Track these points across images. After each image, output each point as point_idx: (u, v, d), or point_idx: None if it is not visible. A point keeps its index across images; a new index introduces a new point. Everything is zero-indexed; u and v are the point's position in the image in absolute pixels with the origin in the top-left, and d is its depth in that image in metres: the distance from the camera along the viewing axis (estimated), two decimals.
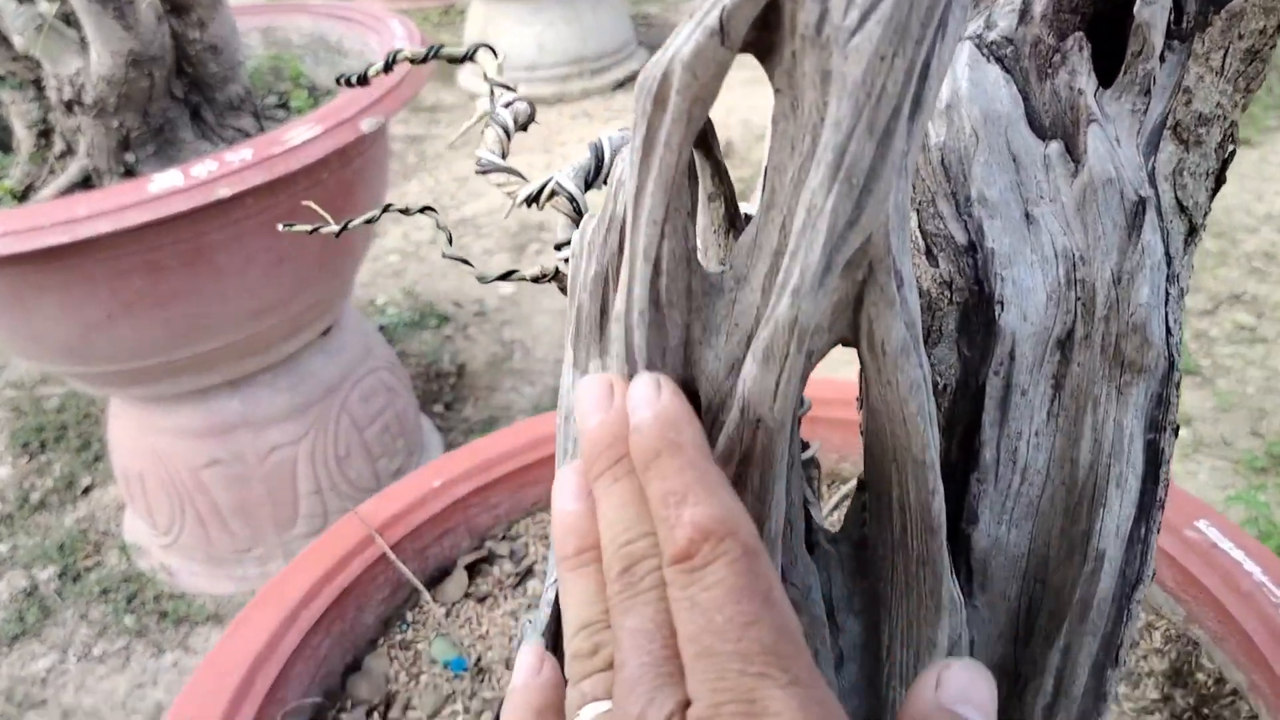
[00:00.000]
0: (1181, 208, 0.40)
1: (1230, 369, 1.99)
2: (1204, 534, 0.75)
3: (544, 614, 0.43)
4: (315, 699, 0.76)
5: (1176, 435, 0.41)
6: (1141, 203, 0.38)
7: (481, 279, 0.56)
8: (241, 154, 1.35)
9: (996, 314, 0.40)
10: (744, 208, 0.41)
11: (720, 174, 0.39)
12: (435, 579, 0.87)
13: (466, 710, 0.77)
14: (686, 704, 0.29)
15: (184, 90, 1.56)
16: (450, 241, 0.60)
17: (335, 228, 0.59)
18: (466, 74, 3.42)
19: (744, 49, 0.33)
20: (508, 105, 0.69)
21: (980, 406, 0.41)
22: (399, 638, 0.82)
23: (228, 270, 1.43)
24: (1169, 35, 0.40)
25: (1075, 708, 0.41)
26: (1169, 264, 0.39)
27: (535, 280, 0.56)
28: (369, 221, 0.60)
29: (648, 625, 0.31)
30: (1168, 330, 0.39)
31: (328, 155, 1.40)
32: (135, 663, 1.69)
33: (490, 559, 0.88)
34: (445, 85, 3.46)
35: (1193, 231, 0.41)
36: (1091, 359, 0.39)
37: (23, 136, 1.59)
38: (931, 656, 0.41)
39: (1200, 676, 0.72)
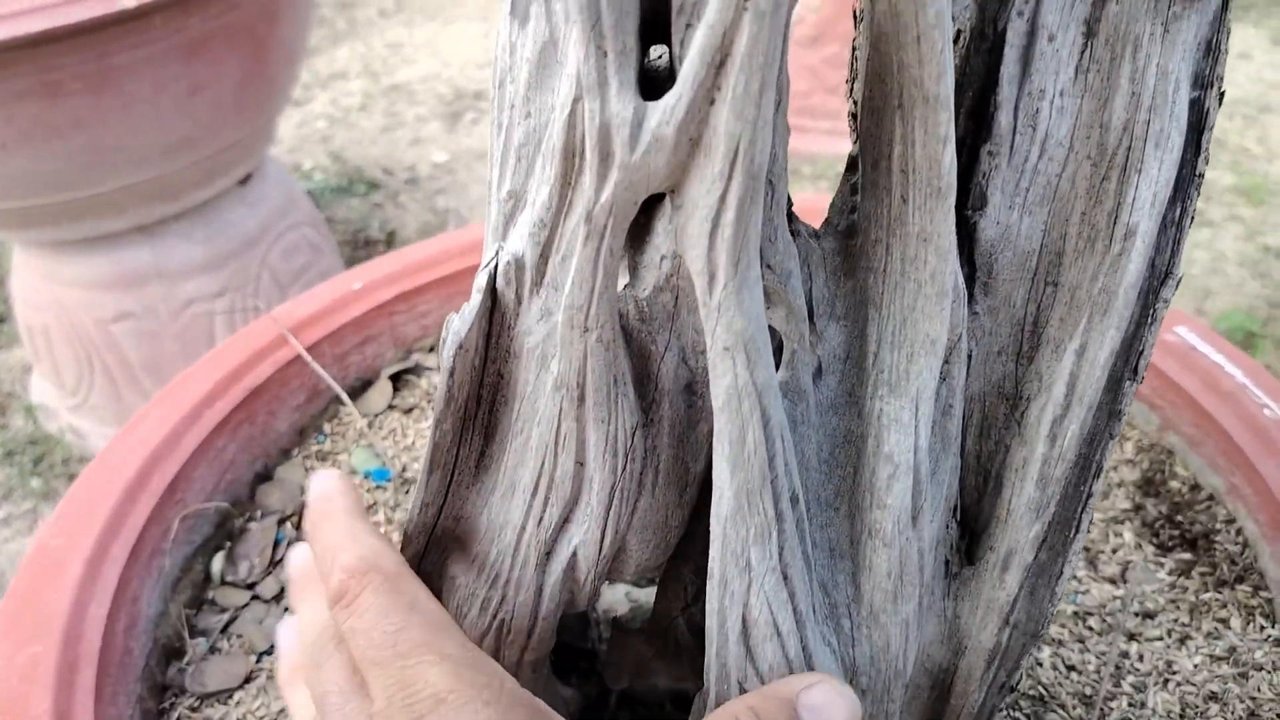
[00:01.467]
0: None
1: None
2: (1182, 338, 0.70)
3: (474, 301, 0.36)
4: (220, 504, 0.69)
5: (1221, 101, 0.35)
6: None
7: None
8: None
9: None
10: None
11: None
12: (357, 390, 0.79)
13: (390, 521, 0.70)
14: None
15: None
16: None
17: None
18: None
19: None
20: None
21: (999, 59, 0.34)
22: (315, 448, 0.75)
23: (136, 97, 1.32)
24: None
25: (1090, 417, 0.35)
26: None
27: None
28: None
29: (339, 669, 0.35)
30: None
31: None
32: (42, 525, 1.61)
33: (417, 370, 0.81)
34: None
35: None
36: None
37: None
38: (928, 356, 0.35)
39: (1174, 484, 0.68)
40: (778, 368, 0.36)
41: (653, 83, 0.31)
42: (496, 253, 0.35)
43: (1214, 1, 0.32)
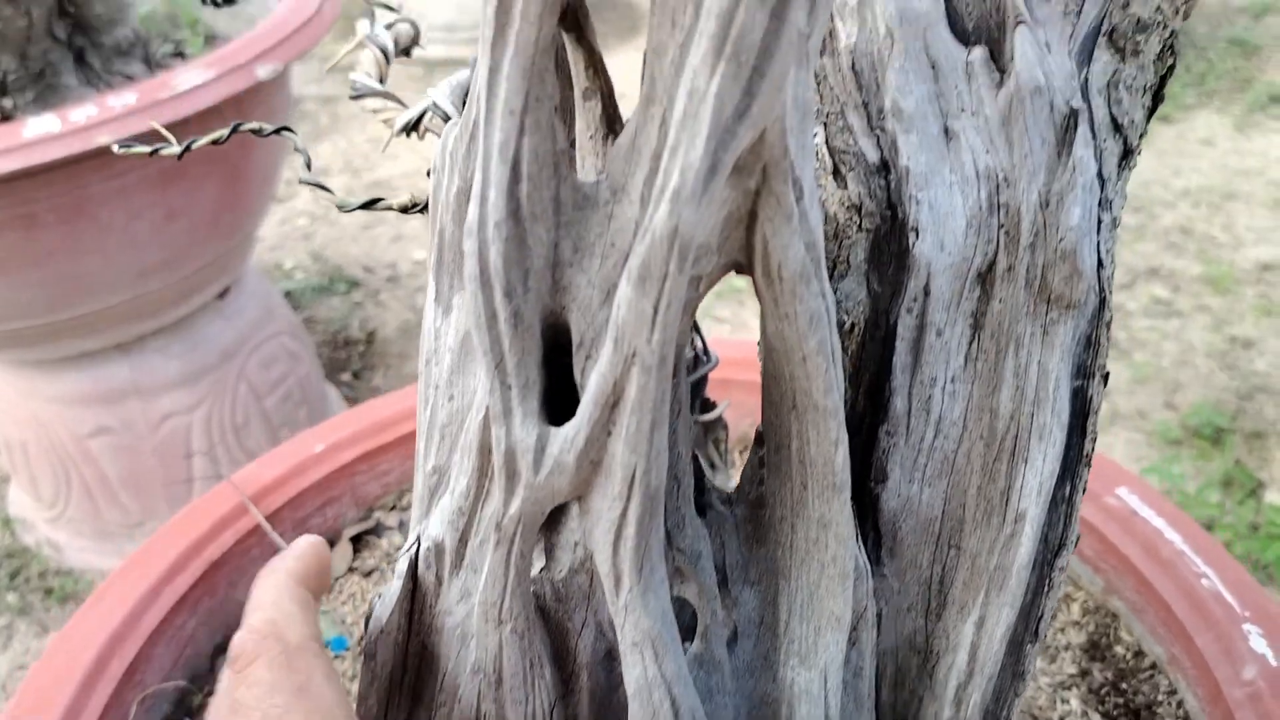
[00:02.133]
0: (1116, 125, 0.36)
1: (1146, 342, 2.00)
2: (1124, 501, 0.72)
3: (395, 586, 0.37)
4: (179, 683, 0.70)
5: (1106, 383, 0.37)
6: (1073, 115, 0.34)
7: (342, 207, 0.50)
8: (125, 98, 1.26)
9: (910, 243, 0.35)
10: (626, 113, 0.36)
11: (596, 66, 0.34)
12: None
13: (348, 694, 0.71)
14: None
15: (67, 32, 1.45)
16: (309, 166, 0.53)
17: (177, 148, 0.53)
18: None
19: None
20: (389, 26, 0.63)
21: (891, 349, 0.36)
22: None
23: (112, 226, 1.34)
24: None
25: (990, 685, 0.37)
26: (1102, 186, 0.35)
27: (404, 210, 0.50)
28: (215, 143, 0.53)
29: None
30: (1099, 261, 0.34)
31: (221, 102, 1.31)
32: (18, 642, 1.60)
33: (378, 530, 0.82)
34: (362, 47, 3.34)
35: (1128, 153, 0.36)
36: (1015, 294, 0.34)
37: None
38: (834, 632, 0.36)
39: (1119, 650, 0.69)
40: (692, 639, 0.37)
41: (565, 377, 0.33)
42: (418, 538, 0.36)
43: (1091, 304, 0.34)
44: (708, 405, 0.63)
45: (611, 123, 0.35)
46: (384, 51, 0.60)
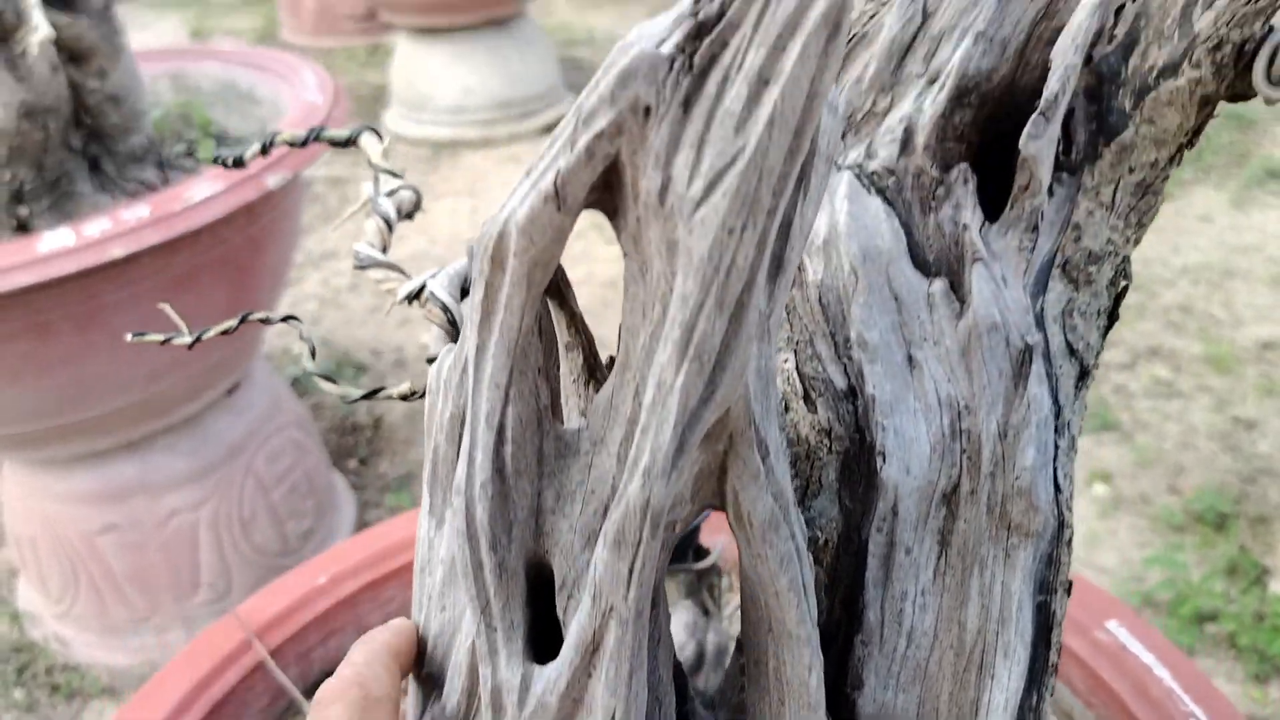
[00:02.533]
0: (1072, 350, 0.38)
1: (1149, 424, 2.01)
2: (1114, 635, 0.73)
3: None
4: None
5: (1069, 593, 0.38)
6: (1028, 350, 0.36)
7: (344, 398, 0.52)
8: (138, 212, 1.29)
9: (878, 465, 0.37)
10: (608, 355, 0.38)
11: (576, 323, 0.36)
12: (319, 683, 0.81)
13: None
14: None
15: (82, 141, 1.49)
16: (313, 355, 0.56)
17: (188, 339, 0.55)
18: (392, 115, 3.37)
19: (590, 206, 0.29)
20: (391, 194, 0.66)
21: (864, 564, 0.38)
22: None
23: (123, 332, 1.37)
24: (1058, 167, 0.38)
25: None
26: (1058, 414, 0.37)
27: (404, 398, 0.52)
28: (225, 333, 0.56)
29: None
30: (1056, 488, 0.36)
31: (232, 212, 1.34)
32: None
33: None
34: (372, 124, 3.40)
35: (1084, 374, 0.38)
36: (978, 516, 0.36)
37: None
38: None
39: None
40: None
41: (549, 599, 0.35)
42: None
43: (1050, 528, 0.36)
44: (701, 553, 0.65)
45: (592, 370, 0.37)
46: (386, 220, 0.63)
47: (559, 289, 0.35)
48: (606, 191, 0.28)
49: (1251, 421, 2.01)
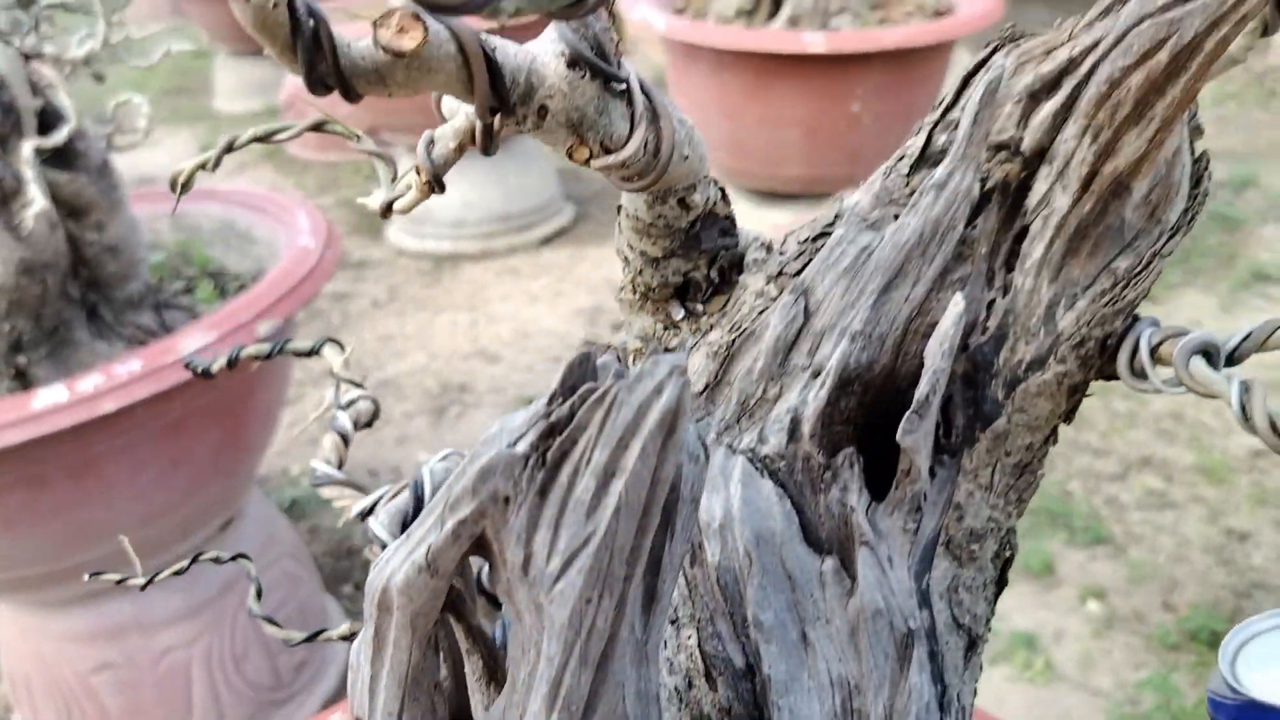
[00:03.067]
0: (958, 624, 0.40)
1: (1142, 536, 2.01)
2: None
3: None
4: None
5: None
6: (910, 635, 0.38)
7: (287, 641, 0.54)
8: (130, 366, 1.33)
9: None
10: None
11: (475, 634, 0.38)
12: None
13: None
14: None
15: (80, 290, 1.54)
16: (259, 596, 0.58)
17: (141, 581, 0.58)
18: (395, 229, 3.44)
19: (469, 554, 0.32)
20: (349, 405, 0.69)
21: None
22: None
23: (116, 480, 1.40)
24: (939, 450, 0.41)
25: None
26: (943, 693, 0.38)
27: (345, 639, 0.54)
28: (177, 574, 0.58)
29: None
30: None
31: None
32: None
33: None
34: (374, 241, 3.48)
35: (973, 644, 0.40)
36: None
37: None
38: None
39: None
40: None
41: None
42: None
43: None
44: None
45: (492, 672, 0.39)
46: (343, 435, 0.65)
47: (457, 607, 0.37)
48: (481, 551, 0.31)
49: (1245, 533, 2.01)
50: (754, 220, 2.02)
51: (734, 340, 0.42)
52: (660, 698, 0.34)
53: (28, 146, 1.25)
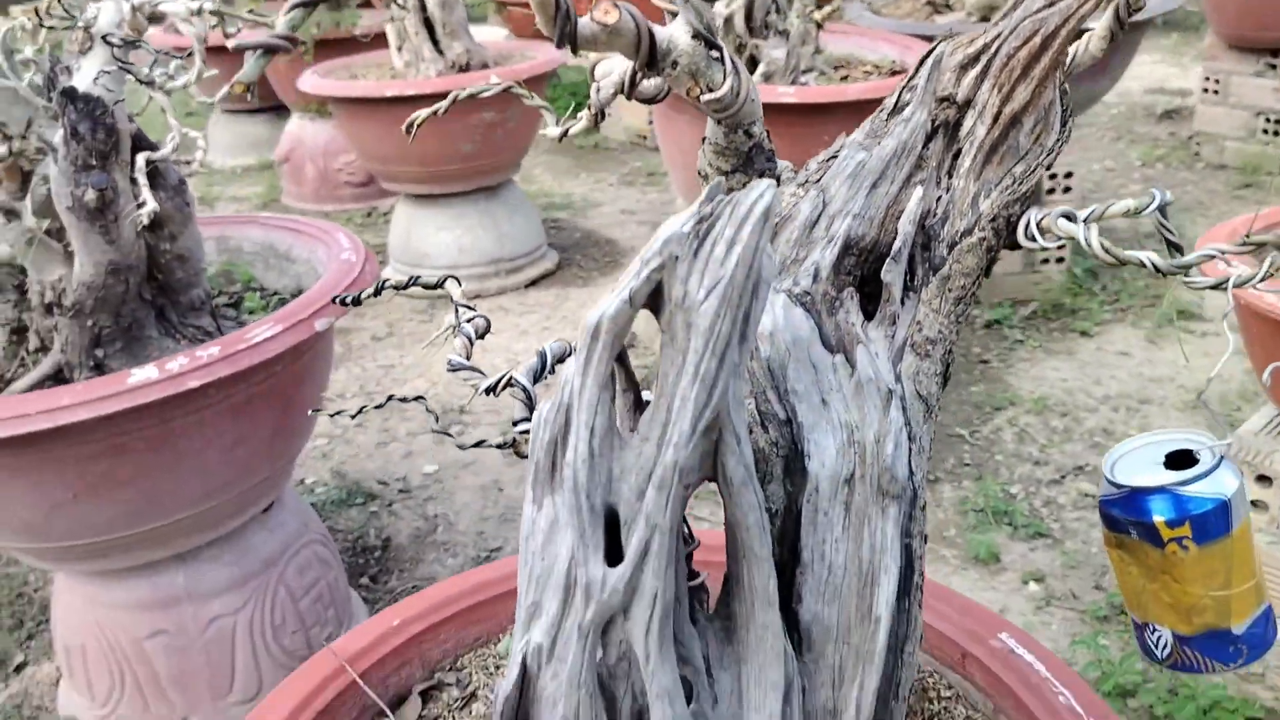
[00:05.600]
0: (920, 396, 0.64)
1: (1076, 531, 2.26)
2: (1005, 643, 0.97)
3: (513, 673, 0.62)
4: None
5: (926, 541, 0.63)
6: (890, 393, 0.62)
7: (461, 446, 0.77)
8: (210, 350, 1.54)
9: (806, 463, 0.62)
10: (645, 395, 0.64)
11: (629, 377, 0.62)
12: (394, 704, 1.03)
13: None
14: None
15: (152, 294, 1.76)
16: (437, 420, 0.81)
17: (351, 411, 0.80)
18: (390, 271, 3.67)
19: (644, 307, 0.56)
20: (470, 320, 0.92)
21: (799, 524, 0.63)
22: None
23: (188, 452, 1.60)
24: (907, 288, 0.65)
25: None
26: (910, 431, 0.62)
27: (499, 447, 0.77)
28: (378, 407, 0.80)
29: None
30: (910, 471, 0.61)
31: (284, 351, 1.60)
32: None
33: (439, 687, 1.05)
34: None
35: (929, 411, 0.64)
36: (866, 490, 0.61)
37: None
38: (775, 692, 0.61)
39: None
40: (690, 703, 0.62)
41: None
42: (526, 643, 0.62)
43: (908, 496, 0.61)
44: (695, 574, 0.89)
45: (638, 403, 0.62)
46: (469, 338, 0.89)
47: (623, 358, 0.60)
48: (654, 297, 0.54)
49: None
50: None
51: (777, 223, 0.66)
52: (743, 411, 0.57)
53: (141, 158, 1.48)
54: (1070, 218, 0.60)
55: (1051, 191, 3.26)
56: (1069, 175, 3.31)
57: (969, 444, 2.60)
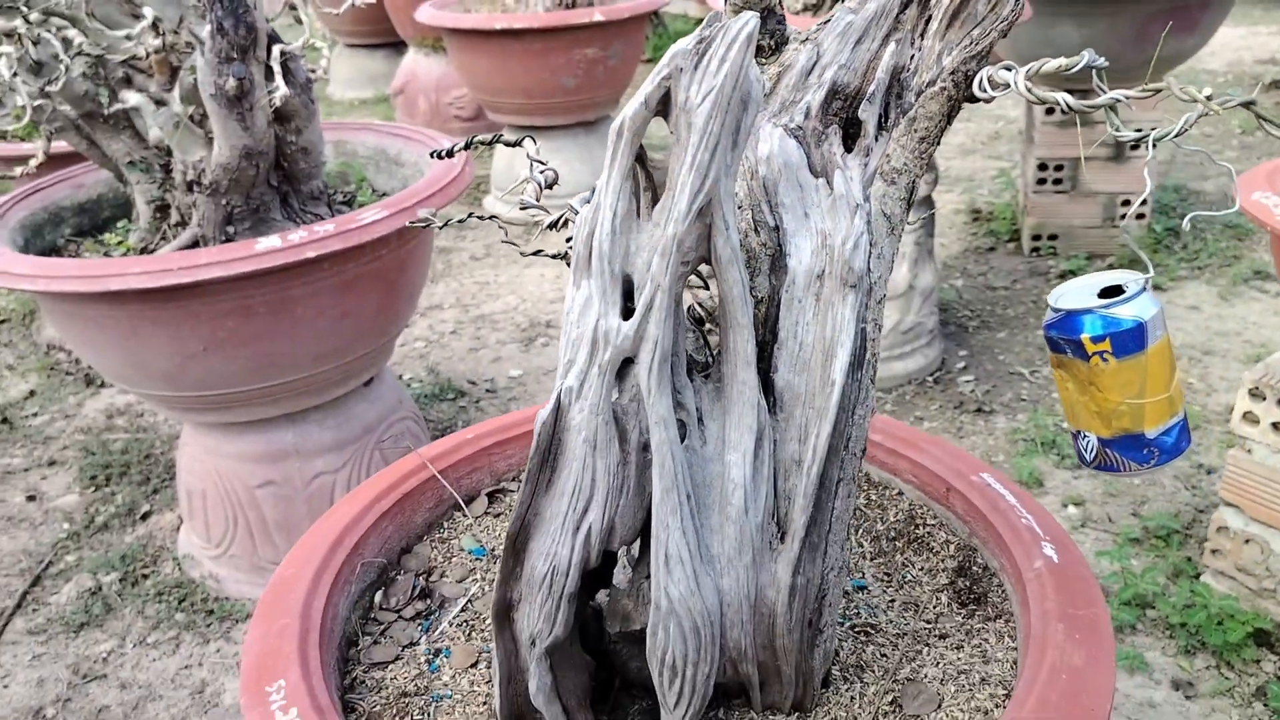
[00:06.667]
0: (885, 215, 0.80)
1: None
2: (984, 480, 1.12)
3: (550, 404, 0.80)
4: (381, 560, 1.12)
5: (880, 329, 0.79)
6: (858, 207, 0.78)
7: (522, 254, 0.95)
8: (326, 226, 1.76)
9: (787, 261, 0.79)
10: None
11: (649, 175, 0.79)
12: (467, 501, 1.23)
13: (482, 578, 1.12)
14: None
15: (278, 181, 1.98)
16: (506, 234, 0.99)
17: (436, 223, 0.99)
18: (490, 200, 3.89)
19: (656, 113, 0.73)
20: (542, 171, 1.10)
21: (779, 309, 0.79)
22: (439, 535, 1.18)
23: (303, 319, 1.83)
24: (880, 127, 0.81)
25: (822, 468, 0.78)
26: (871, 238, 0.78)
27: (554, 257, 0.95)
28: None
29: None
30: (868, 269, 0.77)
31: (390, 234, 1.81)
32: (184, 649, 2.01)
33: (503, 491, 1.24)
34: (474, 206, 3.93)
35: (893, 229, 0.80)
36: (833, 282, 0.78)
37: (142, 209, 2.02)
38: (750, 434, 0.78)
39: (975, 569, 1.08)
40: (684, 440, 0.80)
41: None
42: (561, 386, 0.80)
43: (864, 288, 0.77)
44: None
45: (655, 198, 0.79)
46: (539, 185, 1.06)
47: (642, 158, 0.77)
48: (663, 103, 0.71)
49: (1213, 467, 2.34)
50: None
51: (780, 72, 0.82)
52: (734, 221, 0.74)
53: (277, 49, 1.70)
54: (1009, 69, 0.74)
55: (1135, 146, 3.29)
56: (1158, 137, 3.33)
57: (1028, 382, 2.71)
